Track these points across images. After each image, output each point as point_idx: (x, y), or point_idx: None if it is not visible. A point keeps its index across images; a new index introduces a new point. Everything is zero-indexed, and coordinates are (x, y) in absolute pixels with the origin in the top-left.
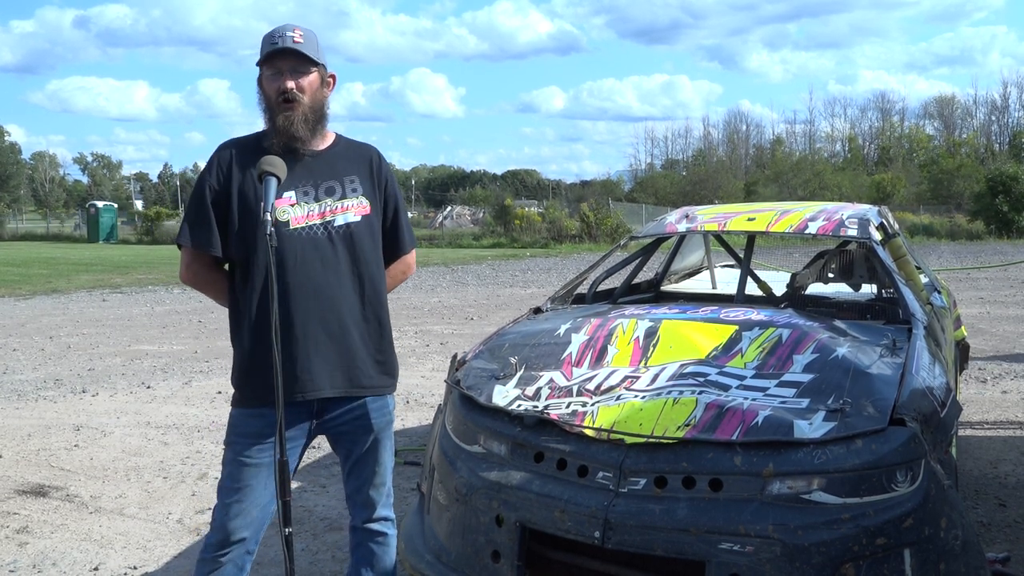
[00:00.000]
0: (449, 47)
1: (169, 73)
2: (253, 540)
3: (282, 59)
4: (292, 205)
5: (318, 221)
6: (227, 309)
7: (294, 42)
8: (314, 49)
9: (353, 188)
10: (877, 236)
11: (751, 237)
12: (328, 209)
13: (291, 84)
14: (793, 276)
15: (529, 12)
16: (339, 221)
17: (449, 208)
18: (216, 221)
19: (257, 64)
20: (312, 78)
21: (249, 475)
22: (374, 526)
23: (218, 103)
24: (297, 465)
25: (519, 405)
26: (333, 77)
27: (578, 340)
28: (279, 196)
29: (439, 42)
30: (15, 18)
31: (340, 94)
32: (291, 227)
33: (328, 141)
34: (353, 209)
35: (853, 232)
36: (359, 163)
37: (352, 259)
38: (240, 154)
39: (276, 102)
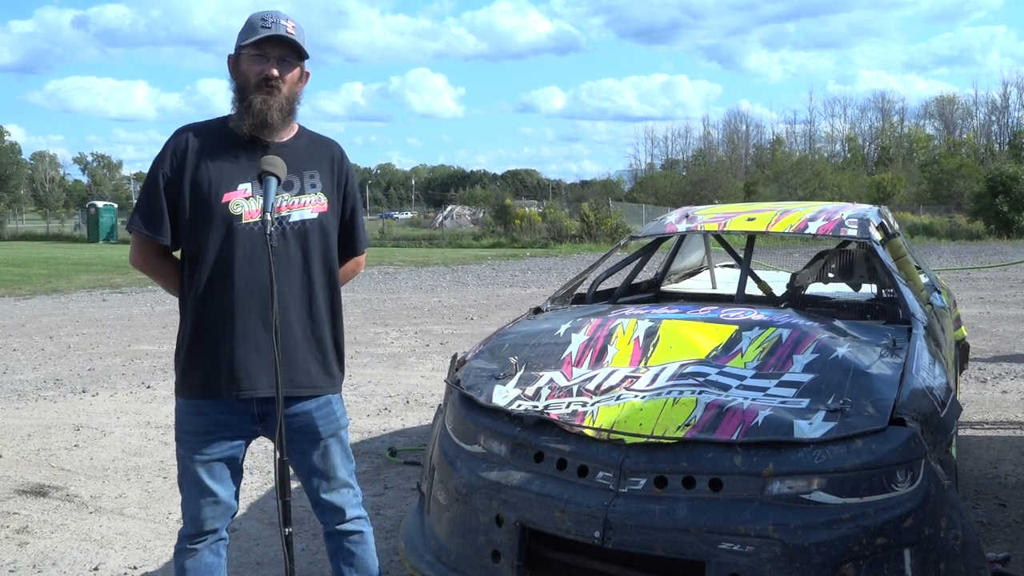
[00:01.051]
0: (448, 47)
1: (168, 73)
2: (223, 528)
3: (272, 46)
4: (247, 198)
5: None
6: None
7: (287, 32)
8: (303, 43)
9: (312, 184)
10: (877, 236)
11: (751, 237)
12: (284, 204)
13: (276, 72)
14: (793, 276)
15: (528, 12)
16: (294, 217)
17: (449, 208)
18: (168, 209)
19: (242, 45)
20: (295, 72)
21: (203, 471)
22: (348, 526)
23: (217, 103)
24: (241, 464)
25: (519, 405)
26: (307, 73)
27: (578, 340)
28: (233, 188)
29: (438, 42)
30: (14, 18)
31: (339, 94)
32: (244, 221)
33: (291, 133)
34: (310, 206)
35: (853, 232)
36: (321, 158)
37: (304, 257)
38: (197, 141)
39: (255, 84)
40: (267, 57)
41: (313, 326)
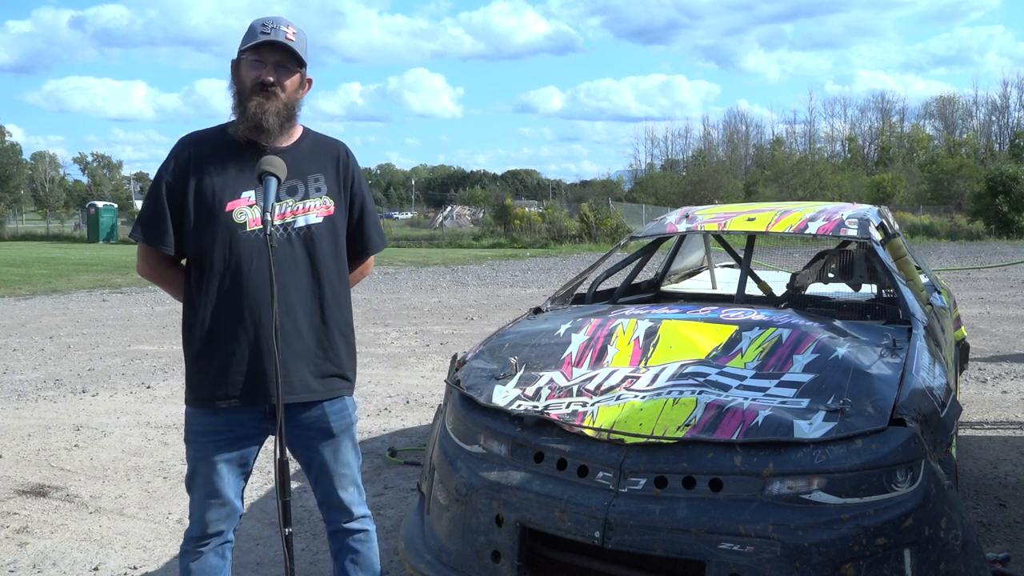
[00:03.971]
0: (446, 47)
1: (166, 73)
2: (229, 531)
3: (270, 51)
4: (251, 206)
5: (277, 222)
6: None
7: (287, 38)
8: (303, 50)
9: (317, 188)
10: (877, 236)
11: (751, 237)
12: (289, 210)
13: (272, 78)
14: (793, 276)
15: (525, 12)
16: (300, 222)
17: (449, 208)
18: (171, 218)
19: (241, 49)
20: (295, 78)
21: (211, 471)
22: (354, 525)
23: (215, 103)
24: (252, 464)
25: (519, 405)
26: (310, 80)
27: (578, 340)
28: (237, 197)
29: (435, 42)
30: (11, 18)
31: (338, 94)
32: (248, 229)
33: (294, 137)
34: (315, 210)
35: (853, 232)
36: (325, 161)
37: (311, 261)
38: (200, 150)
39: (252, 88)
40: (265, 63)
41: (325, 330)
